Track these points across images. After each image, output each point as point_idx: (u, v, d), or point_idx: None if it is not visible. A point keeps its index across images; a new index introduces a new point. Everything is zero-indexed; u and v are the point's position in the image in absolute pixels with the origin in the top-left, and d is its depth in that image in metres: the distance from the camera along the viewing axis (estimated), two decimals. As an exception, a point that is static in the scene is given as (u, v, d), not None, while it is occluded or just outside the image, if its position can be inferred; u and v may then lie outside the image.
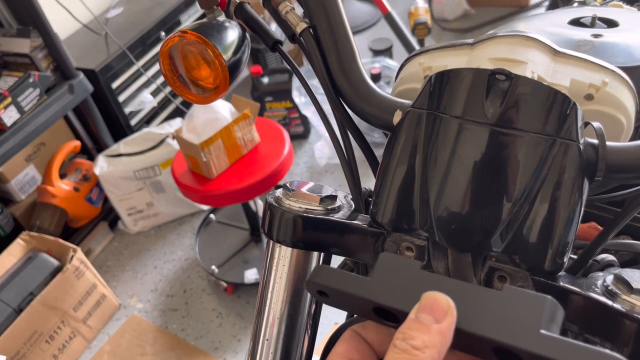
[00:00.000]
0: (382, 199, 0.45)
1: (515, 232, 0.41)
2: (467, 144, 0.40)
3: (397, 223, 0.45)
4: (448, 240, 0.42)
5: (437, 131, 0.42)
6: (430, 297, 0.31)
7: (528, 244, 0.40)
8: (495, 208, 0.40)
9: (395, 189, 0.45)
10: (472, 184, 0.40)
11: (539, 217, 0.40)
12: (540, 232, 0.40)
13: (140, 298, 2.05)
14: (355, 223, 0.48)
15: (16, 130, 1.87)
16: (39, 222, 2.12)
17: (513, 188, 0.40)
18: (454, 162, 0.41)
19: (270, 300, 0.51)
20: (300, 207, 0.49)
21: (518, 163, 0.39)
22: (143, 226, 2.28)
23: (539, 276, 0.41)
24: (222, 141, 1.67)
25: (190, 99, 0.59)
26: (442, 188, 0.41)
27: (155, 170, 2.10)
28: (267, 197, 0.51)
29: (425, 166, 0.43)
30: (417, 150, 0.43)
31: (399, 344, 0.30)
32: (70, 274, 1.80)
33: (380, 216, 0.45)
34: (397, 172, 0.44)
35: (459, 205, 0.41)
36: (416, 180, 0.44)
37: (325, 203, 0.49)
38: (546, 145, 0.39)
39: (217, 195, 1.68)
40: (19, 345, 1.68)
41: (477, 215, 0.40)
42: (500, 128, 0.39)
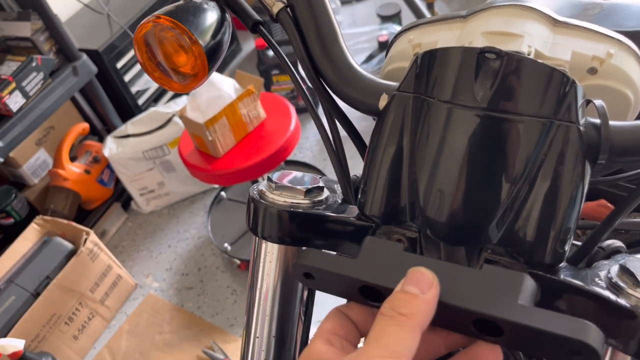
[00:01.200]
0: (370, 190, 0.43)
1: (511, 223, 0.38)
2: (456, 131, 0.37)
3: (387, 215, 0.42)
4: (439, 234, 0.40)
5: (425, 117, 0.38)
6: (416, 271, 0.33)
7: (525, 235, 0.38)
8: (489, 199, 0.37)
9: (383, 179, 0.42)
10: (463, 175, 0.37)
11: (536, 207, 0.37)
12: (537, 223, 0.37)
13: (155, 277, 2.06)
14: (343, 217, 0.45)
15: (23, 115, 1.86)
16: (52, 206, 2.13)
17: (508, 177, 0.37)
18: (443, 152, 0.37)
19: (259, 298, 0.49)
20: (285, 201, 0.46)
21: (512, 149, 0.36)
22: (155, 206, 2.28)
23: (537, 269, 0.38)
24: (227, 119, 1.65)
25: (172, 88, 0.56)
26: (430, 180, 0.38)
27: (164, 149, 2.09)
28: (250, 190, 0.49)
29: (413, 156, 0.39)
30: (404, 137, 0.40)
31: (387, 311, 0.32)
32: (84, 257, 1.81)
33: (368, 208, 0.43)
34: (384, 161, 0.41)
35: (449, 198, 0.38)
36: (403, 171, 0.41)
37: (311, 195, 0.47)
38: (543, 129, 0.36)
39: (225, 175, 1.66)
40: (38, 328, 1.71)
41: (470, 208, 0.38)
42: (492, 112, 0.36)
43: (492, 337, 0.32)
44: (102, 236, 2.20)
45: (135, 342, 1.87)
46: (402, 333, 0.30)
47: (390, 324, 0.31)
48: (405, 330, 0.30)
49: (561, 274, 0.39)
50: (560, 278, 0.38)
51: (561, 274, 0.39)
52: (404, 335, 0.30)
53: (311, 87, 0.48)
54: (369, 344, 0.31)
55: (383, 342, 0.30)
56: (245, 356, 0.51)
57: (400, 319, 0.31)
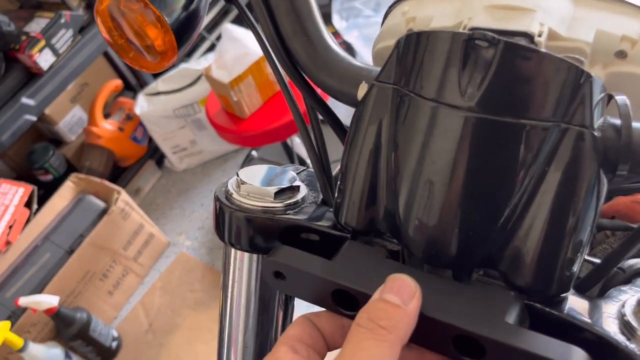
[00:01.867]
0: (346, 194, 0.36)
1: (506, 246, 0.31)
2: (441, 137, 0.30)
3: (364, 225, 0.36)
4: (422, 254, 0.33)
5: (406, 116, 0.31)
6: (397, 278, 0.30)
7: (522, 260, 0.31)
8: (480, 218, 0.30)
9: (360, 183, 0.35)
10: (449, 189, 0.30)
11: (537, 227, 0.30)
12: (538, 247, 0.30)
13: (188, 235, 2.07)
14: (316, 225, 0.39)
15: (53, 73, 1.85)
16: (88, 163, 2.16)
17: (502, 192, 0.29)
18: (426, 160, 0.30)
19: (230, 305, 0.45)
20: (254, 204, 0.40)
21: (507, 160, 0.29)
22: (189, 164, 2.28)
23: (535, 300, 0.32)
24: (253, 78, 1.58)
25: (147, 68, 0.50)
26: (411, 193, 0.32)
27: (194, 107, 2.05)
28: (218, 188, 0.43)
29: (391, 160, 0.33)
30: (382, 136, 0.33)
31: (365, 322, 0.28)
32: (116, 216, 1.83)
33: (343, 216, 0.36)
34: (361, 162, 0.35)
35: (433, 216, 0.31)
36: (381, 176, 0.34)
37: (283, 197, 0.41)
38: (546, 135, 0.28)
39: (252, 136, 1.61)
40: (74, 284, 1.76)
41: (457, 229, 0.31)
42: (482, 114, 0.28)
43: (473, 359, 0.29)
44: (136, 193, 2.22)
45: (167, 299, 1.90)
46: (381, 349, 0.27)
47: (368, 337, 0.28)
48: (384, 346, 0.27)
49: (565, 306, 0.32)
50: (563, 313, 0.31)
51: (565, 306, 0.32)
52: (383, 351, 0.27)
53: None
54: (344, 358, 0.28)
55: (359, 357, 0.27)
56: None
57: (380, 332, 0.28)
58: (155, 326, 1.84)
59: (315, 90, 0.41)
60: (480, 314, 0.29)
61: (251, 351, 0.45)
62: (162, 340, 1.80)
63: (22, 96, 1.77)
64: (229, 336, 0.45)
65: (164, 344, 1.79)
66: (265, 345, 0.45)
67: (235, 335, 0.44)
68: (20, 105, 1.76)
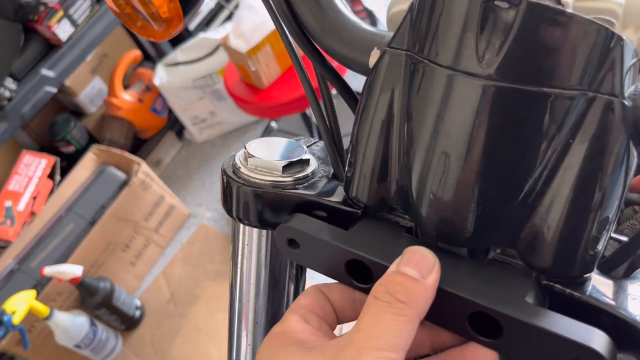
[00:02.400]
0: (357, 168, 0.34)
1: (525, 221, 0.29)
2: (457, 107, 0.28)
3: (376, 200, 0.34)
4: (435, 231, 0.31)
5: (420, 85, 0.29)
6: (416, 251, 0.29)
7: (543, 240, 0.29)
8: (497, 195, 0.28)
9: (371, 157, 0.33)
10: (465, 163, 0.28)
11: (559, 204, 0.28)
12: (560, 225, 0.28)
13: (208, 207, 2.08)
14: (326, 200, 0.37)
15: (72, 44, 1.84)
16: (109, 135, 2.17)
17: (523, 166, 0.27)
18: (441, 132, 0.28)
19: (240, 281, 0.44)
20: (262, 179, 0.39)
21: (529, 131, 0.27)
22: (209, 135, 2.27)
23: (555, 281, 0.30)
24: (271, 47, 1.55)
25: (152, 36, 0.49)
26: (425, 168, 0.30)
27: (213, 78, 2.04)
28: (225, 162, 0.42)
29: (404, 134, 0.31)
30: (394, 107, 0.31)
31: (382, 295, 0.28)
32: (136, 187, 1.84)
33: (354, 190, 0.35)
34: (372, 134, 0.33)
35: (448, 191, 0.29)
36: (392, 149, 0.32)
37: (292, 171, 0.39)
38: (570, 105, 0.26)
39: (270, 107, 1.59)
40: (97, 254, 1.78)
41: (472, 205, 0.29)
42: (500, 83, 0.26)
43: (488, 339, 0.28)
44: (157, 165, 2.23)
45: (188, 270, 1.92)
46: (399, 323, 0.26)
47: (386, 311, 0.27)
48: (403, 320, 0.26)
49: (588, 287, 0.30)
50: (585, 295, 0.29)
51: (588, 287, 0.30)
52: (401, 326, 0.26)
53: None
54: (360, 332, 0.27)
55: (378, 332, 0.26)
56: (231, 343, 0.46)
57: (398, 305, 0.27)
58: (177, 296, 1.87)
59: (325, 57, 0.39)
60: (499, 292, 0.28)
61: (262, 327, 0.44)
62: (183, 310, 1.83)
63: (42, 68, 1.77)
64: (239, 312, 0.44)
65: (185, 314, 1.81)
66: (276, 321, 0.44)
67: (246, 311, 0.44)
68: (40, 76, 1.76)
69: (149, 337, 1.81)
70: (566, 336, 0.25)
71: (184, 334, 1.77)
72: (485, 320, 0.28)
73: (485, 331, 0.28)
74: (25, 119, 1.75)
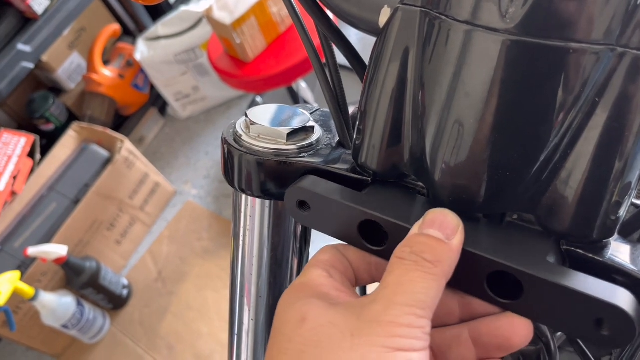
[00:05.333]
0: (367, 135, 0.33)
1: (546, 185, 0.28)
2: (476, 64, 0.26)
3: (386, 165, 0.33)
4: (450, 196, 0.30)
5: (435, 43, 0.28)
6: (439, 213, 0.28)
7: (563, 204, 0.28)
8: (516, 158, 0.27)
9: (382, 121, 0.32)
10: (483, 125, 0.27)
11: (582, 166, 0.27)
12: (581, 188, 0.27)
13: (194, 184, 2.05)
14: (333, 168, 0.36)
15: (49, 17, 1.78)
16: (89, 112, 2.12)
17: (545, 126, 0.26)
18: (458, 91, 0.27)
19: (242, 254, 0.42)
20: (264, 147, 0.37)
21: (552, 89, 0.25)
22: (192, 111, 2.23)
23: (575, 245, 0.29)
24: (257, 19, 1.51)
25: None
26: (440, 130, 0.28)
27: (195, 52, 1.99)
28: (225, 130, 0.40)
29: (418, 96, 0.29)
30: (408, 68, 0.30)
31: (408, 255, 0.27)
32: (120, 165, 1.81)
33: (364, 157, 0.33)
34: (384, 98, 0.31)
35: (465, 155, 0.28)
36: (406, 113, 0.31)
37: (296, 139, 0.37)
38: (597, 61, 0.24)
39: (256, 81, 1.56)
40: (81, 234, 1.75)
41: (491, 164, 0.28)
42: (525, 37, 0.24)
43: (507, 301, 0.28)
44: (140, 142, 2.19)
45: (175, 247, 1.90)
46: (428, 281, 0.26)
47: (414, 269, 0.26)
48: (431, 279, 0.26)
49: (608, 252, 0.29)
50: (605, 259, 0.29)
51: (608, 251, 0.29)
52: (429, 284, 0.26)
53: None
54: (388, 288, 0.26)
55: (406, 288, 0.26)
56: (232, 318, 0.45)
57: (426, 265, 0.27)
58: (165, 274, 1.85)
59: (329, 17, 0.37)
60: (519, 252, 0.27)
61: (264, 301, 0.43)
62: (172, 288, 1.81)
63: (18, 43, 1.71)
64: (242, 286, 0.42)
65: (173, 292, 1.80)
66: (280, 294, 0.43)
67: (248, 285, 0.42)
68: (16, 52, 1.71)
69: (138, 315, 1.79)
70: (590, 294, 0.25)
71: (173, 311, 1.76)
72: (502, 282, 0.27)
73: (506, 291, 0.28)
74: (2, 96, 1.70)
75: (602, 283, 0.26)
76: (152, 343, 1.72)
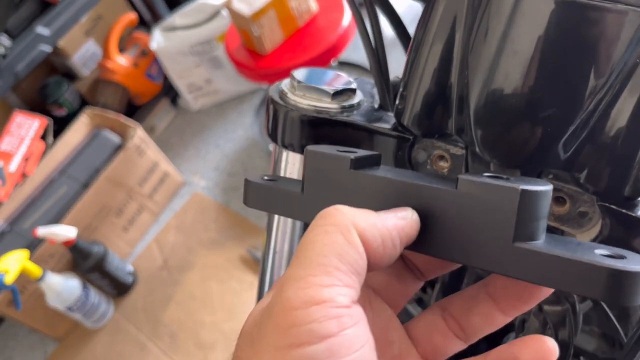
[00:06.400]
0: (411, 94, 0.34)
1: (583, 144, 0.29)
2: (525, 22, 0.27)
3: (428, 126, 0.34)
4: (491, 152, 0.31)
5: (485, 6, 0.29)
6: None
7: (600, 160, 0.29)
8: (559, 111, 0.28)
9: (427, 83, 0.33)
10: (529, 80, 0.28)
11: (619, 124, 0.28)
12: (618, 146, 0.28)
13: (203, 176, 2.06)
14: (376, 126, 0.37)
15: (69, 3, 1.80)
16: (103, 99, 2.13)
17: (587, 83, 0.27)
18: (506, 47, 0.28)
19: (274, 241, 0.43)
20: (309, 104, 0.38)
21: (597, 49, 0.26)
22: (204, 104, 2.24)
23: (609, 202, 0.30)
24: (276, 12, 1.53)
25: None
26: (487, 82, 0.30)
27: (211, 44, 2.00)
28: (270, 89, 0.41)
29: (467, 52, 0.30)
30: (456, 32, 0.31)
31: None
32: (131, 152, 1.82)
33: (407, 117, 0.35)
34: (430, 61, 0.32)
35: (508, 107, 0.29)
36: (452, 75, 0.32)
37: (340, 98, 0.38)
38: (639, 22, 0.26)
39: (272, 73, 1.57)
40: (90, 218, 1.76)
41: (533, 122, 0.29)
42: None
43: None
44: (150, 132, 2.20)
45: (182, 237, 1.91)
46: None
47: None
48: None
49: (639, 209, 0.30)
50: (637, 214, 0.30)
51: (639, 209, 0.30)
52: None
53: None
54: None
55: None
56: (264, 273, 0.46)
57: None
58: (170, 263, 1.86)
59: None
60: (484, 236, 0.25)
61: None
62: (177, 277, 1.82)
63: (37, 25, 1.73)
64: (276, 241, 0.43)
65: (178, 281, 1.81)
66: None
67: (282, 240, 0.43)
68: (35, 35, 1.72)
69: (142, 302, 1.80)
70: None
71: (177, 300, 1.77)
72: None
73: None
74: (19, 78, 1.71)
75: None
76: (155, 330, 1.72)
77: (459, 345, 0.27)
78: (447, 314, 0.27)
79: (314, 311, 0.20)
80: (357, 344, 0.20)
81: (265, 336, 0.21)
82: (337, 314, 0.20)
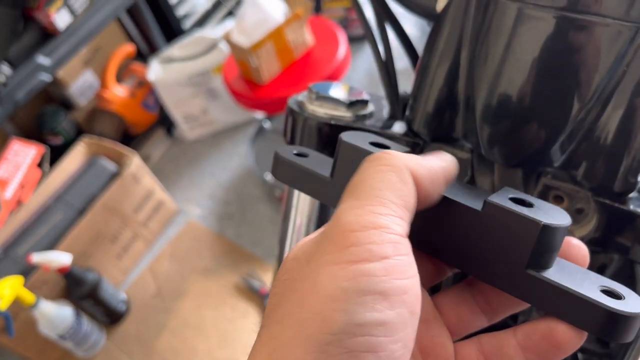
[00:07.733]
0: (420, 102, 0.37)
1: (579, 144, 0.32)
2: (526, 36, 0.31)
3: (437, 132, 0.37)
4: (495, 154, 0.35)
5: (490, 19, 0.32)
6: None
7: (593, 159, 0.32)
8: (557, 115, 0.32)
9: (436, 90, 0.36)
10: (530, 85, 0.32)
11: (610, 128, 0.32)
12: (609, 146, 0.32)
13: (197, 204, 2.08)
14: (388, 132, 0.40)
15: (69, 33, 1.84)
16: (99, 128, 2.15)
17: (581, 90, 0.31)
18: (509, 58, 0.32)
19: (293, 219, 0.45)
20: (326, 113, 0.41)
21: (590, 59, 0.30)
22: (199, 134, 2.28)
23: (603, 198, 0.33)
24: (273, 44, 1.58)
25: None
26: (491, 90, 0.33)
27: (208, 76, 2.05)
28: (289, 101, 0.44)
29: (473, 63, 0.34)
30: (463, 48, 0.34)
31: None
32: (128, 179, 1.83)
33: (417, 123, 0.38)
34: (439, 70, 0.36)
35: (511, 110, 0.32)
36: (460, 81, 0.35)
37: (355, 109, 0.41)
38: (629, 36, 0.29)
39: (269, 102, 1.61)
40: (85, 245, 1.76)
41: (533, 123, 0.32)
42: (571, 13, 0.29)
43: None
44: (146, 161, 2.21)
45: (176, 265, 1.91)
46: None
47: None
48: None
49: (630, 204, 0.33)
50: (629, 209, 0.33)
51: (630, 203, 0.33)
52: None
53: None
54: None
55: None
56: (283, 244, 0.48)
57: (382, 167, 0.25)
58: (164, 291, 1.86)
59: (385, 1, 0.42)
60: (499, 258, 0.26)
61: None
62: (171, 304, 1.81)
63: (39, 55, 1.76)
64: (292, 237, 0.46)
65: (172, 309, 1.80)
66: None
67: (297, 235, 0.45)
68: (36, 65, 1.75)
69: (134, 330, 1.79)
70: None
71: (170, 328, 1.76)
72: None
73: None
74: (19, 106, 1.73)
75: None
76: (148, 358, 1.71)
77: (483, 322, 0.28)
78: (475, 289, 0.28)
79: (372, 234, 0.21)
80: (410, 271, 0.22)
81: (323, 255, 0.22)
82: (394, 239, 0.22)
